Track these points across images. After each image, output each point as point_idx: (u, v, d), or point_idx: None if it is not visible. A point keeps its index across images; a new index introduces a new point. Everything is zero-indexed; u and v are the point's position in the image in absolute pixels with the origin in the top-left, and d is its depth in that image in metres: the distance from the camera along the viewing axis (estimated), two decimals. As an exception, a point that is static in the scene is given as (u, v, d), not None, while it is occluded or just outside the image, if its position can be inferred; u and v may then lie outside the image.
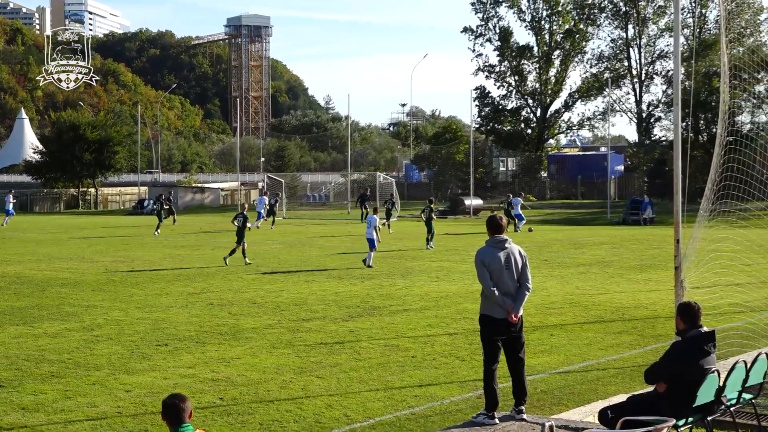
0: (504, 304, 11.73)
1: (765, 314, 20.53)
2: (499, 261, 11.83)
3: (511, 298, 11.78)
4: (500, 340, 11.88)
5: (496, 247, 11.96)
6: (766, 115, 75.40)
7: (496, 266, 11.80)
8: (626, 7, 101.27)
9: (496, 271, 11.79)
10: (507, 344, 11.94)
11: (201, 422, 12.11)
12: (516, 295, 11.82)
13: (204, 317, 21.35)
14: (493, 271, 11.79)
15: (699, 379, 9.65)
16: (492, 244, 12.02)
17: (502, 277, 11.78)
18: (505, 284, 11.78)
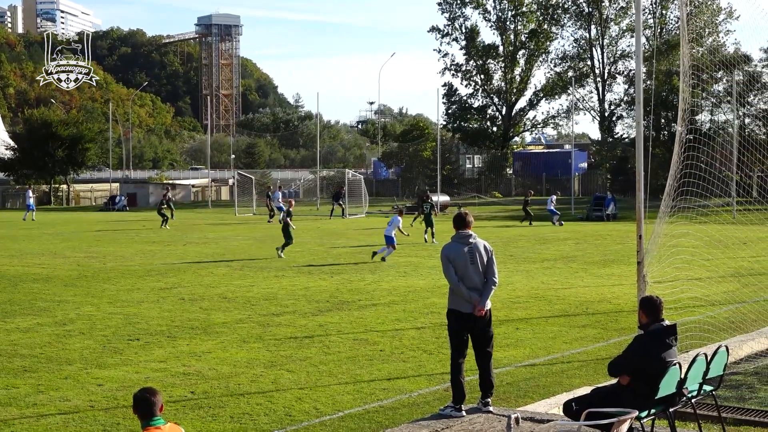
0: (470, 298, 11.73)
1: (724, 308, 20.68)
2: (464, 256, 11.82)
3: (478, 293, 11.76)
4: (467, 333, 11.89)
5: (461, 242, 11.96)
6: (725, 113, 75.81)
7: (461, 261, 11.80)
8: (589, 8, 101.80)
9: (461, 266, 11.79)
10: (474, 338, 11.94)
11: (172, 416, 12.06)
12: (482, 290, 11.80)
13: (175, 312, 21.25)
14: (458, 266, 11.80)
15: (661, 371, 9.68)
16: (457, 240, 12.03)
17: (467, 271, 11.77)
18: (471, 279, 11.77)
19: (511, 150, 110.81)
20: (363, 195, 70.74)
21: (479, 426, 11.20)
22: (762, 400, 13.20)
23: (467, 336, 11.91)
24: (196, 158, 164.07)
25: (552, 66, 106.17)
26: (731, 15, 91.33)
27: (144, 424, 7.47)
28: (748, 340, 16.99)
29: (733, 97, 63.88)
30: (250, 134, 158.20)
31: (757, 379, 14.56)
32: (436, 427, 11.18)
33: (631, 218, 42.89)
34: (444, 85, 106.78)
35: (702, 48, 67.33)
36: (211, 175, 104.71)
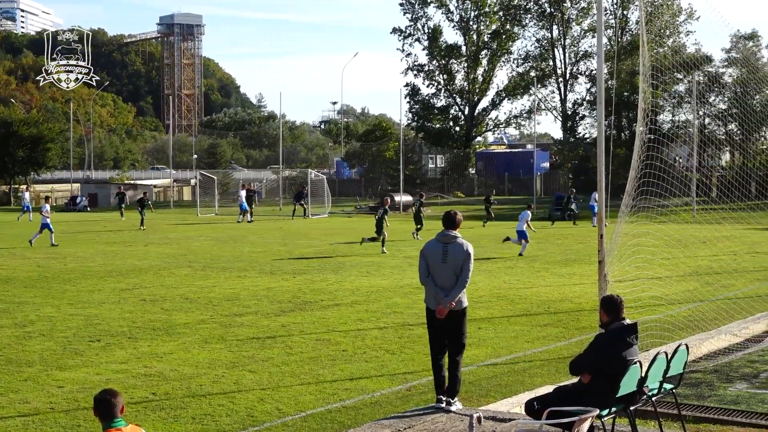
0: (437, 295, 11.90)
1: (684, 307, 20.85)
2: (438, 254, 11.99)
3: (445, 292, 11.87)
4: (440, 329, 12.09)
5: (440, 241, 12.11)
6: (686, 114, 76.41)
7: (434, 259, 12.02)
8: (551, 8, 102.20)
9: (433, 264, 12.01)
10: (447, 337, 12.14)
11: (133, 417, 11.99)
12: (450, 290, 11.89)
13: (136, 313, 21.13)
14: (430, 264, 12.03)
15: (622, 370, 9.73)
16: (437, 238, 12.19)
17: (438, 270, 11.96)
18: (441, 278, 11.94)
19: (474, 150, 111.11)
20: (326, 195, 70.76)
21: (441, 425, 11.21)
22: (721, 397, 13.31)
23: (441, 332, 12.12)
24: (157, 158, 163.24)
25: (514, 66, 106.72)
26: (691, 16, 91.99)
27: (105, 425, 7.42)
28: (708, 339, 17.13)
29: (694, 97, 64.39)
30: (212, 134, 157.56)
31: (716, 377, 14.68)
32: (398, 426, 11.18)
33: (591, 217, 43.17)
34: (407, 85, 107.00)
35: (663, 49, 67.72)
36: (173, 175, 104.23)
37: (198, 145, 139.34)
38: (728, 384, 14.17)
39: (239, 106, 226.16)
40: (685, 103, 74.04)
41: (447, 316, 11.97)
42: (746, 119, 48.03)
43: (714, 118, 75.61)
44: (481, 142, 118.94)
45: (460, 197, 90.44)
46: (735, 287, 24.80)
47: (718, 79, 72.40)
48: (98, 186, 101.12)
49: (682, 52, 76.46)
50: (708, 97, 73.13)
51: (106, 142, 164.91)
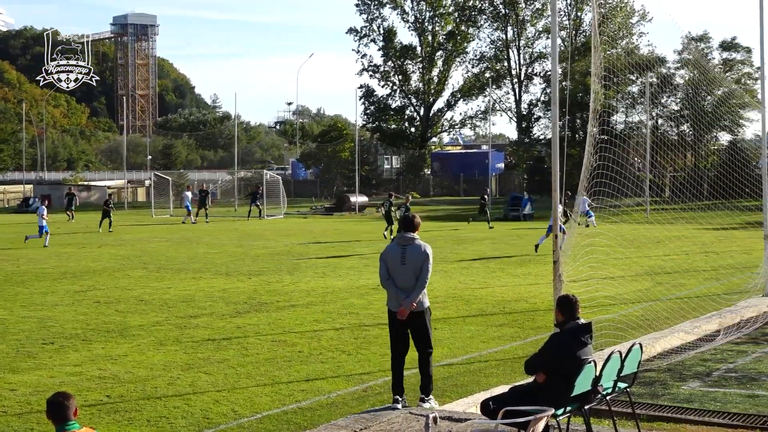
0: (397, 297, 12.11)
1: (638, 306, 21.01)
2: (397, 257, 12.20)
3: (406, 293, 12.04)
4: (403, 330, 12.29)
5: (398, 243, 12.32)
6: (639, 114, 77.01)
7: (394, 262, 12.22)
8: (505, 9, 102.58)
9: (393, 267, 12.21)
10: (413, 337, 12.36)
11: (88, 420, 11.90)
12: (410, 291, 12.05)
13: (91, 315, 20.97)
14: (390, 267, 12.23)
15: (576, 369, 9.79)
16: (396, 240, 12.43)
17: (398, 272, 12.16)
18: (401, 279, 12.14)
19: (429, 150, 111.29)
20: (281, 196, 70.62)
21: (398, 426, 11.22)
22: (675, 396, 13.43)
23: (403, 332, 12.29)
24: (111, 159, 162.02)
25: (469, 67, 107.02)
26: (644, 17, 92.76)
27: (58, 429, 7.36)
28: (661, 338, 17.27)
29: (646, 98, 64.90)
30: (166, 135, 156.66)
31: (669, 375, 14.81)
32: (354, 427, 11.18)
33: (547, 218, 43.39)
34: (362, 86, 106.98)
35: (616, 50, 68.22)
36: (127, 176, 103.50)
37: (152, 146, 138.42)
38: (681, 382, 14.30)
39: (194, 106, 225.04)
40: (639, 104, 74.58)
41: (409, 317, 12.14)
42: (698, 120, 48.51)
43: (667, 119, 76.27)
44: (437, 142, 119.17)
45: (416, 197, 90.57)
46: (687, 287, 25.02)
47: (670, 80, 73.03)
48: (51, 187, 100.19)
49: (636, 53, 76.97)
50: (660, 98, 73.75)
51: (59, 142, 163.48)
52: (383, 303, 22.31)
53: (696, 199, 43.17)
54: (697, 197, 42.21)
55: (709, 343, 17.44)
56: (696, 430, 11.67)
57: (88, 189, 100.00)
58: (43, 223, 40.45)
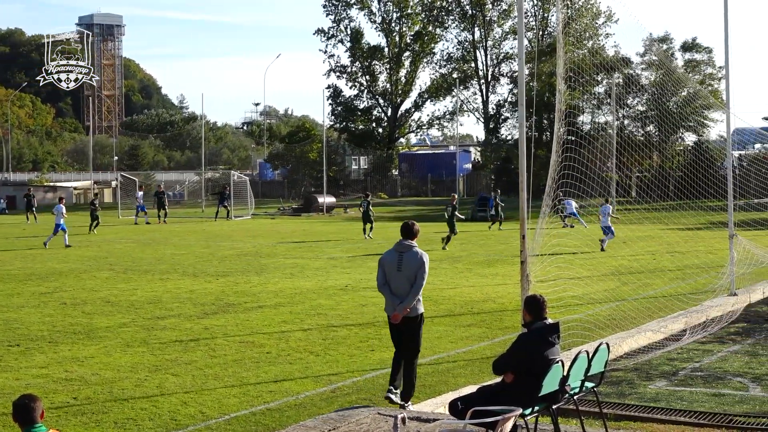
0: (392, 302, 12.48)
1: (605, 306, 21.11)
2: (394, 263, 12.54)
3: (401, 299, 12.42)
4: (397, 333, 12.65)
5: (396, 250, 12.66)
6: (606, 115, 77.34)
7: (390, 267, 12.57)
8: (472, 10, 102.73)
9: (390, 272, 12.56)
10: (403, 341, 12.64)
11: (54, 422, 11.82)
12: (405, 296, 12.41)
13: (57, 317, 20.84)
14: (387, 272, 12.59)
15: (544, 369, 9.82)
16: (394, 247, 12.76)
17: (394, 278, 12.51)
18: (396, 285, 12.49)
19: (397, 151, 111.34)
20: (248, 197, 70.49)
21: (366, 426, 11.22)
22: (641, 395, 13.51)
23: (398, 337, 12.66)
24: (77, 160, 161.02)
25: (437, 68, 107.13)
26: (610, 18, 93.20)
27: (24, 431, 7.30)
28: (628, 337, 17.36)
29: (613, 98, 65.22)
30: (133, 136, 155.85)
31: (636, 375, 14.89)
32: (322, 428, 11.17)
33: (514, 218, 43.49)
34: (329, 87, 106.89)
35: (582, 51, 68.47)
36: (94, 177, 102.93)
37: (119, 147, 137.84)
38: (648, 382, 14.38)
39: (161, 107, 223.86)
40: (605, 105, 74.91)
41: (402, 322, 12.45)
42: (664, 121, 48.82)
43: (633, 119, 76.68)
44: (404, 143, 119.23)
45: (383, 198, 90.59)
46: (654, 286, 25.16)
47: (636, 81, 73.40)
48: (17, 188, 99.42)
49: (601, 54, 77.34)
50: (626, 99, 74.09)
51: (24, 143, 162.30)
52: (351, 304, 22.41)
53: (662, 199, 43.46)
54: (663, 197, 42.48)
55: (676, 342, 17.55)
56: (663, 429, 11.74)
57: (54, 190, 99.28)
58: (61, 221, 40.40)
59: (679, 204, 41.97)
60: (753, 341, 17.76)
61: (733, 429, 11.71)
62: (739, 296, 22.55)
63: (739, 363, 15.68)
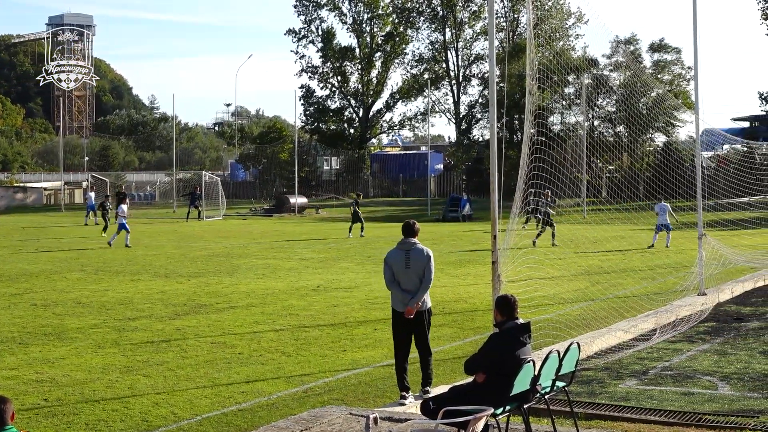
0: (402, 299, 12.87)
1: (576, 306, 21.19)
2: (401, 261, 12.93)
3: (411, 295, 12.82)
4: (406, 330, 13.01)
5: (401, 248, 13.06)
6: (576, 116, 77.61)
7: (398, 266, 12.94)
8: (443, 11, 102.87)
9: (398, 270, 12.93)
10: (415, 335, 13.03)
11: (25, 424, 11.75)
12: (415, 292, 12.82)
13: (27, 318, 20.72)
14: (395, 270, 12.95)
15: (515, 369, 9.84)
16: (398, 246, 13.14)
17: (403, 275, 12.89)
18: (406, 282, 12.88)
19: (369, 152, 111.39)
20: (220, 197, 70.33)
21: (338, 427, 11.22)
22: (612, 394, 13.57)
23: (406, 333, 12.97)
24: (48, 160, 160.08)
25: (408, 68, 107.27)
26: (580, 19, 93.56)
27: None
28: (598, 337, 17.44)
29: (583, 99, 65.47)
30: (104, 136, 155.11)
31: (607, 374, 14.96)
32: (294, 428, 11.16)
33: (486, 218, 43.60)
34: (301, 87, 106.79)
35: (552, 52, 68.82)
36: (64, 177, 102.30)
37: (89, 148, 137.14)
38: (618, 381, 14.45)
39: (132, 107, 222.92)
40: (575, 106, 75.18)
41: (414, 316, 12.83)
42: (634, 122, 49.03)
43: (603, 120, 76.97)
44: (376, 144, 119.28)
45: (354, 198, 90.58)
46: (624, 286, 25.28)
47: (605, 82, 73.70)
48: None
49: (571, 55, 77.63)
50: (596, 100, 74.38)
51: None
52: (323, 304, 22.38)
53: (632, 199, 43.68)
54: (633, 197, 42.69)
55: (646, 341, 17.65)
56: (633, 427, 11.80)
57: (24, 191, 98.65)
58: (123, 221, 40.54)
59: (649, 204, 42.21)
60: (722, 340, 17.88)
61: (703, 427, 11.78)
62: (708, 296, 22.70)
63: (708, 362, 15.78)
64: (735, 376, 14.61)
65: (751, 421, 11.95)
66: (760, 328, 19.16)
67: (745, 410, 12.54)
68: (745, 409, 12.62)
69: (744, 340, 17.80)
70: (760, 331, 18.88)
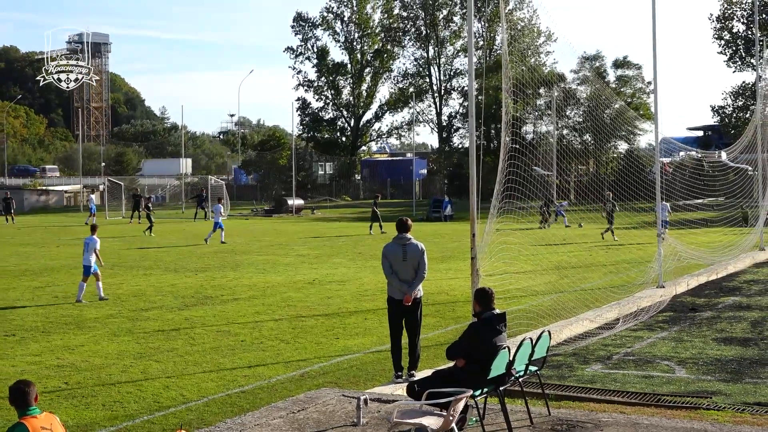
0: (400, 288, 13.00)
1: (547, 297, 21.20)
2: (399, 254, 13.09)
3: (408, 285, 12.98)
4: (400, 315, 13.13)
5: (398, 242, 13.23)
6: (546, 125, 77.63)
7: (396, 258, 13.09)
8: (427, 30, 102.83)
9: (396, 263, 13.09)
10: (406, 321, 13.14)
11: (47, 405, 11.72)
12: (412, 282, 13.00)
13: (49, 309, 20.67)
14: (392, 262, 13.11)
15: (492, 354, 9.84)
16: (395, 241, 13.30)
17: (400, 267, 13.05)
18: (403, 273, 13.05)
19: (359, 158, 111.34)
20: (225, 199, 70.17)
21: (332, 407, 11.21)
22: (579, 377, 13.58)
23: (401, 319, 13.19)
24: (68, 166, 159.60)
25: (395, 83, 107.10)
26: (550, 38, 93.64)
27: (20, 413, 7.23)
28: (568, 325, 17.45)
29: (553, 110, 65.53)
30: (119, 144, 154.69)
31: (575, 359, 14.97)
32: (292, 409, 11.15)
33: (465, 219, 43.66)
34: (298, 99, 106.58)
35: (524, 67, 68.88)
36: (83, 181, 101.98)
37: (106, 154, 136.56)
38: (585, 365, 14.46)
39: (144, 117, 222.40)
40: (546, 116, 75.24)
41: (411, 303, 13.00)
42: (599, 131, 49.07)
43: (571, 129, 77.01)
44: (366, 150, 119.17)
45: (347, 201, 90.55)
46: (590, 279, 25.31)
47: (573, 94, 73.76)
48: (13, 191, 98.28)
49: (543, 70, 77.65)
50: (565, 111, 74.42)
51: (18, 150, 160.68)
52: (318, 296, 22.36)
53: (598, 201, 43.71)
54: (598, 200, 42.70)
55: (610, 330, 17.67)
56: (598, 407, 11.81)
57: (47, 193, 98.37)
58: (219, 219, 40.68)
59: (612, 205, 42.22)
60: (678, 328, 17.91)
61: (662, 407, 11.80)
62: (666, 288, 22.74)
63: (666, 348, 15.81)
64: (690, 361, 14.64)
65: (704, 402, 11.98)
66: (712, 318, 19.20)
67: (699, 391, 12.57)
68: (700, 390, 12.65)
69: (698, 328, 17.83)
70: (712, 320, 18.92)
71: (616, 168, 53.07)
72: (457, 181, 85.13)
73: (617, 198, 41.41)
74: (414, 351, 13.19)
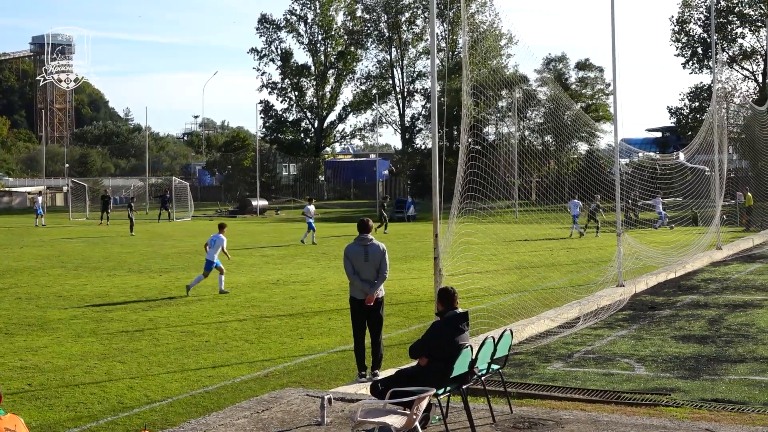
0: (362, 288, 12.93)
1: (509, 296, 21.28)
2: (361, 255, 13.05)
3: (369, 284, 12.92)
4: (363, 315, 13.06)
5: (359, 243, 13.18)
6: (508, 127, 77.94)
7: (358, 259, 13.05)
8: (389, 32, 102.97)
9: (358, 263, 13.03)
10: (369, 320, 13.08)
11: (10, 407, 11.57)
12: (374, 282, 12.95)
13: (12, 310, 20.44)
14: (354, 263, 13.06)
15: (455, 353, 9.85)
16: (356, 241, 13.24)
17: (362, 268, 13.00)
18: (365, 273, 12.99)
19: (323, 159, 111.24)
20: (189, 200, 69.94)
21: (296, 407, 11.18)
22: (541, 375, 13.63)
23: (364, 319, 13.11)
24: (31, 167, 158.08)
25: (358, 84, 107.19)
26: (511, 41, 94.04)
27: (-18, 416, 7.13)
28: (529, 324, 17.52)
29: (514, 112, 65.80)
30: (83, 145, 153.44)
31: (536, 357, 15.02)
32: (256, 408, 11.10)
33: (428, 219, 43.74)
34: (262, 101, 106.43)
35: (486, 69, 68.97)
36: (46, 182, 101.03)
37: (70, 155, 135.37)
38: (547, 363, 14.52)
39: (108, 119, 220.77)
40: (507, 118, 75.54)
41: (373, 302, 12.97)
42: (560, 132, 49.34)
43: (532, 131, 77.40)
44: (330, 152, 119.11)
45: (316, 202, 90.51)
46: (551, 279, 25.43)
47: (534, 96, 74.13)
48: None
49: (504, 72, 77.96)
50: (526, 112, 74.77)
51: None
52: (282, 296, 22.28)
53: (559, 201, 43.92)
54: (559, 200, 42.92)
55: (571, 328, 17.76)
56: (560, 404, 11.86)
57: (10, 194, 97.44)
58: (311, 221, 40.63)
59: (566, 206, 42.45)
60: (638, 327, 18.03)
61: (622, 404, 11.87)
62: (626, 287, 22.89)
63: (626, 346, 15.91)
64: (650, 359, 14.74)
65: (663, 398, 12.07)
66: (671, 316, 19.36)
67: (659, 388, 12.66)
68: (659, 387, 12.74)
69: (657, 327, 17.97)
70: (671, 318, 19.07)
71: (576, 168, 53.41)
72: (420, 182, 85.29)
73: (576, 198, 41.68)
74: (377, 350, 13.14)
